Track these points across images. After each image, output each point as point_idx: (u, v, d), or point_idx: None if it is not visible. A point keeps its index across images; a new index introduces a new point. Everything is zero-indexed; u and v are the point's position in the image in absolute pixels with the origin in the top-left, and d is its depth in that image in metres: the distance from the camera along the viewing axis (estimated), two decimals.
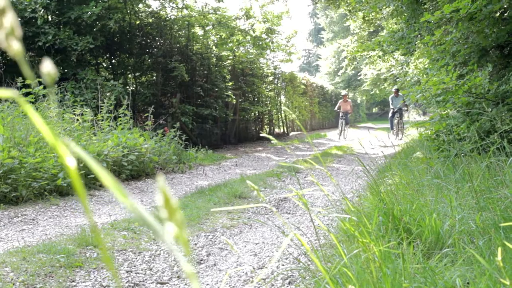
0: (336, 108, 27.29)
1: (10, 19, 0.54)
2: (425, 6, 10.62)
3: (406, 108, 24.76)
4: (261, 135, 2.76)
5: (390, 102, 24.61)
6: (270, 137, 2.73)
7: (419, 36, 11.14)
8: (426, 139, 8.50)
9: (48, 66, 0.57)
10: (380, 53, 16.22)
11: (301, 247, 5.05)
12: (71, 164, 0.57)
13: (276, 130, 29.23)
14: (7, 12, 0.53)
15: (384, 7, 14.14)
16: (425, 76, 9.03)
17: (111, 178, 0.57)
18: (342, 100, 26.62)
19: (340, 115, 26.52)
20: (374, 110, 73.95)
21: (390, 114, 24.75)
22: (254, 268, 4.85)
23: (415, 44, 11.71)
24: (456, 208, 4.06)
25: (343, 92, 30.94)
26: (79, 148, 0.57)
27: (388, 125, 25.79)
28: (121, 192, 0.54)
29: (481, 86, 7.00)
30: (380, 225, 4.04)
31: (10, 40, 0.54)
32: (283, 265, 4.84)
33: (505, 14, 8.12)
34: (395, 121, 24.12)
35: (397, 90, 24.20)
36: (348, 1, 20.09)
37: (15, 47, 0.54)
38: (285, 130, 29.83)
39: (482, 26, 7.95)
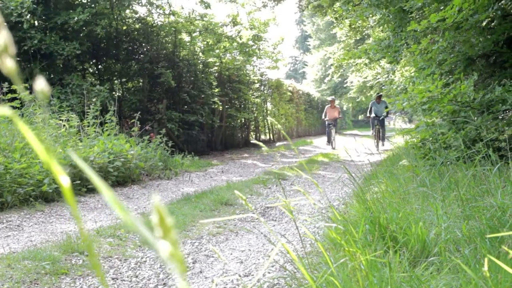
0: (323, 116, 24.98)
1: (4, 37, 0.53)
2: (412, 15, 10.68)
3: (385, 115, 22.56)
4: (251, 141, 2.77)
5: (370, 108, 22.77)
6: (260, 143, 2.74)
7: (405, 44, 11.20)
8: (412, 147, 8.53)
9: (41, 84, 0.57)
10: (367, 61, 16.27)
11: (287, 254, 5.06)
12: (65, 183, 0.57)
13: (262, 137, 29.24)
14: (1, 29, 0.53)
15: (370, 16, 14.21)
16: (411, 84, 9.08)
17: (111, 193, 0.56)
18: (329, 106, 24.58)
19: (327, 123, 24.34)
20: (360, 117, 74.18)
21: (371, 121, 22.80)
22: (240, 276, 4.85)
23: (402, 53, 11.77)
24: (442, 216, 4.08)
25: (330, 97, 28.13)
26: (81, 161, 0.57)
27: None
28: (121, 208, 0.54)
29: (467, 94, 7.04)
30: (366, 234, 4.05)
31: (3, 57, 0.53)
32: (269, 272, 4.83)
33: (492, 24, 8.18)
34: (376, 130, 22.28)
35: (380, 96, 22.81)
36: (335, 9, 20.21)
37: (9, 65, 0.53)
38: (271, 137, 29.84)
39: (469, 36, 8.01)
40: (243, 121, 26.43)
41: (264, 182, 11.16)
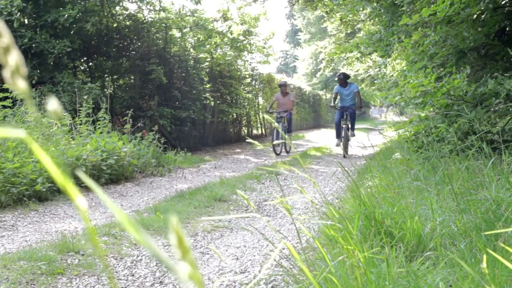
0: (268, 108, 18.57)
1: (15, 57, 0.53)
2: (403, 9, 10.68)
3: (357, 104, 16.08)
4: (247, 140, 2.75)
5: (334, 95, 16.63)
6: (256, 142, 2.73)
7: (397, 38, 11.20)
8: (405, 141, 8.55)
9: (54, 105, 0.57)
10: (358, 55, 16.23)
11: (282, 251, 5.07)
12: (82, 206, 0.57)
13: (255, 131, 29.19)
14: (12, 49, 0.53)
15: (361, 9, 14.20)
16: (403, 78, 9.09)
17: (119, 210, 0.56)
18: (280, 93, 18.23)
19: (277, 115, 17.72)
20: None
21: (337, 116, 16.34)
22: (236, 273, 4.85)
23: (393, 46, 11.78)
24: (437, 210, 4.09)
25: (282, 80, 21.55)
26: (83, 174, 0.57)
27: (366, 126, 23.26)
28: (136, 231, 0.54)
29: (460, 88, 7.05)
30: (362, 229, 4.05)
31: (15, 78, 0.53)
32: (265, 269, 4.84)
33: (482, 17, 8.20)
34: (344, 127, 15.84)
35: (345, 77, 16.36)
36: (326, 3, 20.20)
37: (22, 86, 0.53)
38: (264, 131, 29.80)
39: (460, 29, 8.02)
40: (235, 116, 26.36)
41: (257, 178, 11.16)
